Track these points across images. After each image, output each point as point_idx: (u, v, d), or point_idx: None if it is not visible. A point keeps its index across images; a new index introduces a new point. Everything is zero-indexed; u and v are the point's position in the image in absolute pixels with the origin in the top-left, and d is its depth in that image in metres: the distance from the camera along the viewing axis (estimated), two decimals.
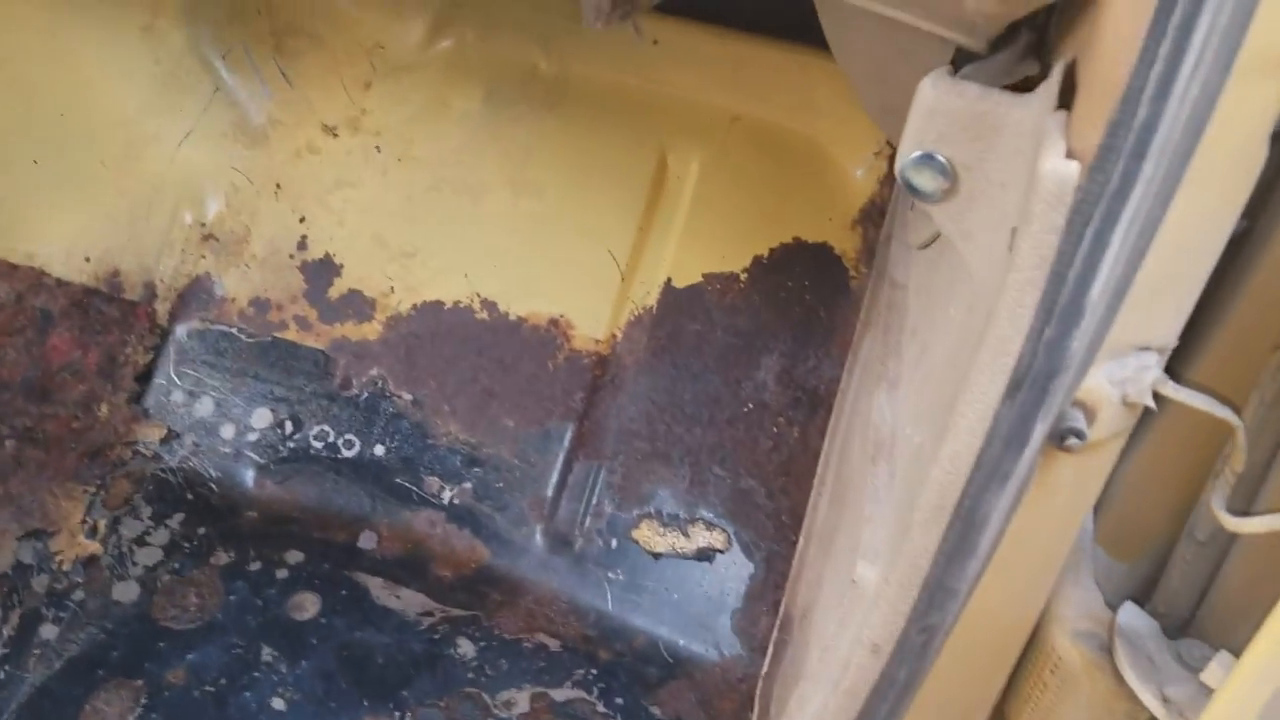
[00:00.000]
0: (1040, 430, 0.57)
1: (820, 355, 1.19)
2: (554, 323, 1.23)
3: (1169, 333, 0.58)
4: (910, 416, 0.73)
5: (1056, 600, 0.73)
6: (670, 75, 1.26)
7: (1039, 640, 0.71)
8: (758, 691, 1.05)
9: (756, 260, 1.24)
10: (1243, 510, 0.59)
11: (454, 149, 1.28)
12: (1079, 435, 0.58)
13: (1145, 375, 0.58)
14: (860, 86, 0.85)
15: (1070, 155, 0.47)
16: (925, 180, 0.56)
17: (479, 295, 1.24)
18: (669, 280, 1.24)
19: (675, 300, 1.23)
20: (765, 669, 1.06)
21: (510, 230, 1.25)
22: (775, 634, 1.06)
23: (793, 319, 1.22)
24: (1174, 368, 0.71)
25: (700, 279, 1.24)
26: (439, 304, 1.24)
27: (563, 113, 1.27)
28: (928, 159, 0.56)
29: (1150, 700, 0.60)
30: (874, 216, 1.22)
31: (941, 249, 0.83)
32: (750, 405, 1.18)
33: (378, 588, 1.07)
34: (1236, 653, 0.62)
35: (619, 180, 1.25)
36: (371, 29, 1.33)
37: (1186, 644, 0.64)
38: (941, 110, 0.54)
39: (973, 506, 0.60)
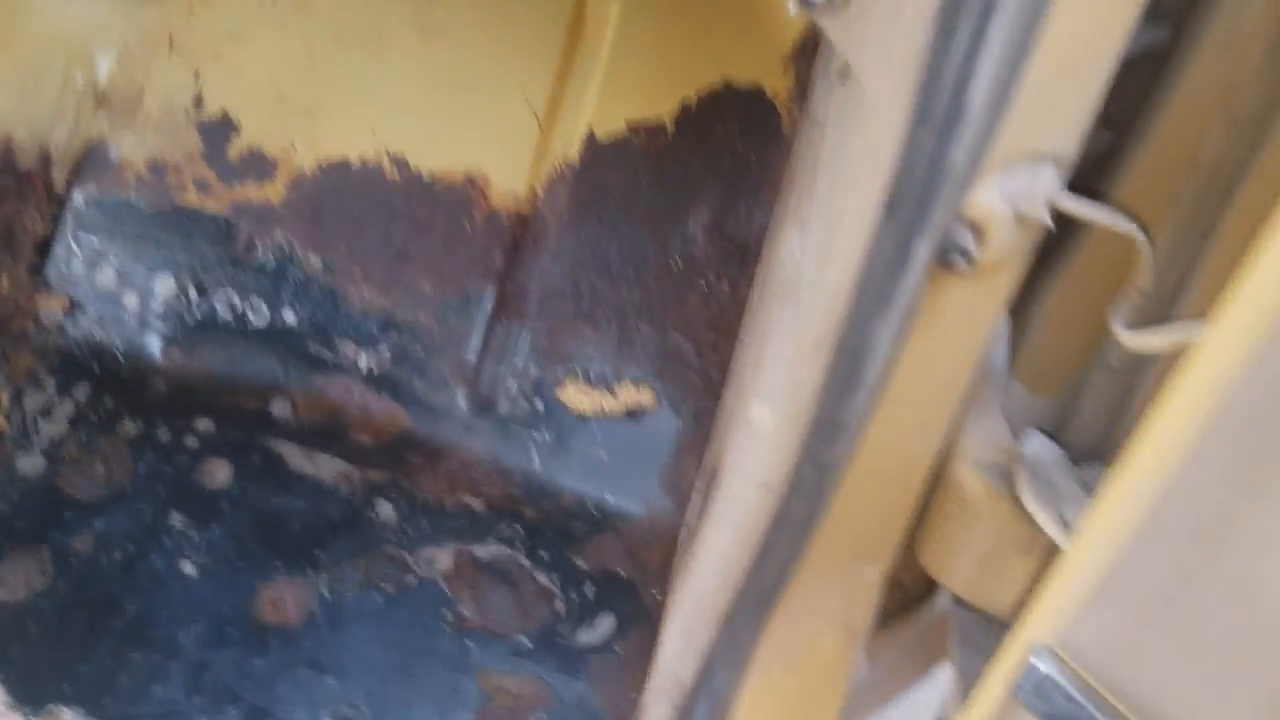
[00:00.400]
0: (923, 251, 0.54)
1: (751, 205, 1.16)
2: (470, 179, 1.18)
3: (1066, 140, 0.55)
4: (813, 254, 0.71)
5: (963, 434, 0.72)
6: None
7: (945, 473, 0.71)
8: (681, 539, 1.06)
9: (684, 107, 1.19)
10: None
11: None
12: (967, 256, 0.56)
13: (1039, 187, 0.55)
14: None
15: None
16: None
17: (388, 152, 1.18)
18: (591, 131, 1.18)
19: (599, 152, 1.18)
20: (691, 519, 1.07)
21: (419, 80, 1.19)
22: (699, 485, 1.07)
23: (723, 168, 1.17)
24: (1091, 186, 0.68)
25: (625, 129, 1.18)
26: (345, 162, 1.18)
27: None
28: None
29: (1047, 522, 0.60)
30: (808, 54, 1.16)
31: (852, 74, 0.79)
32: (679, 260, 1.15)
33: (293, 454, 1.06)
34: None
35: (534, 21, 1.18)
36: None
37: (1090, 468, 0.64)
38: None
39: (856, 335, 0.58)
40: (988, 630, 0.75)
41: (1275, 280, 0.39)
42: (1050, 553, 0.66)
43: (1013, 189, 0.55)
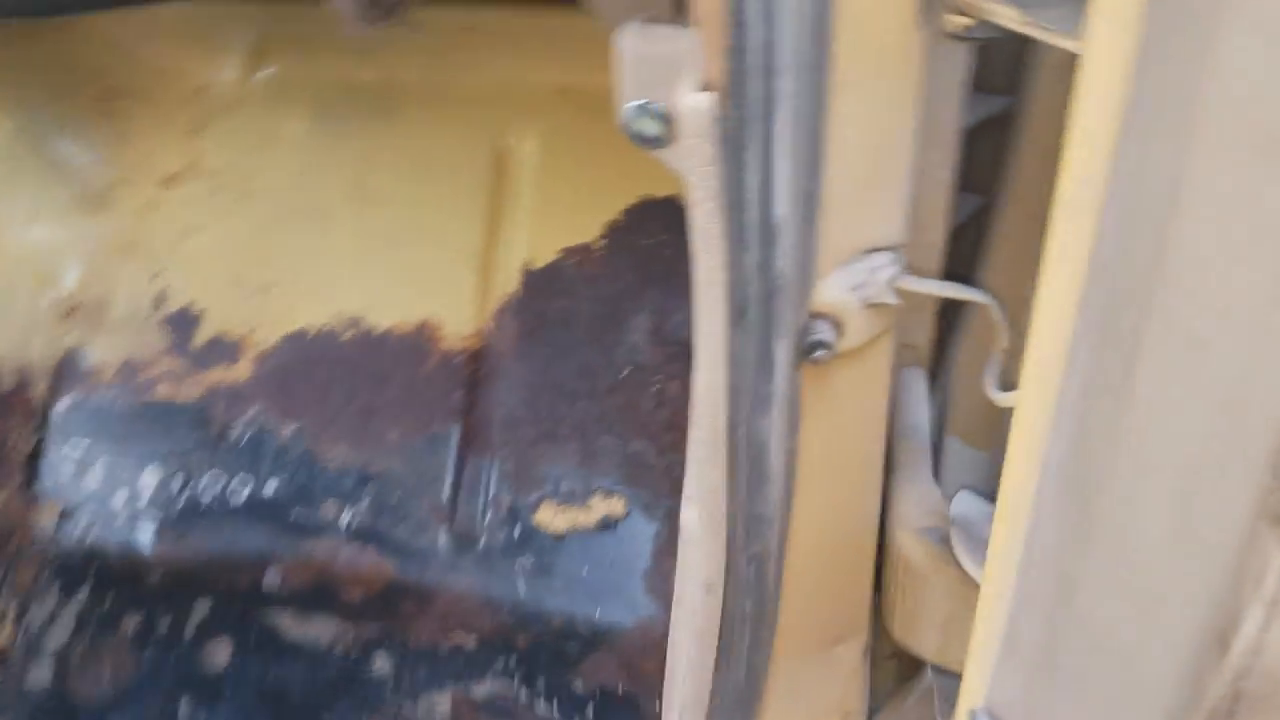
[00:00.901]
0: (782, 350, 0.59)
1: (686, 308, 1.22)
2: (421, 327, 1.25)
3: (890, 229, 0.60)
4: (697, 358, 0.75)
5: (898, 501, 0.76)
6: (492, 60, 1.28)
7: (890, 545, 0.74)
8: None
9: (610, 226, 1.26)
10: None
11: (293, 175, 1.30)
12: (826, 346, 0.61)
13: (880, 275, 0.61)
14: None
15: (707, 86, 0.50)
16: (648, 127, 0.57)
17: (342, 315, 1.26)
18: (528, 262, 1.26)
19: (537, 281, 1.25)
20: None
21: (362, 244, 1.27)
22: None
23: (655, 276, 1.24)
24: (974, 246, 0.73)
25: (558, 255, 1.26)
26: (304, 332, 1.26)
27: (394, 119, 1.30)
28: (642, 108, 0.58)
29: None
30: None
31: None
32: (628, 369, 1.21)
33: (287, 621, 1.10)
34: None
35: (461, 174, 1.28)
36: (193, 74, 1.35)
37: None
38: (640, 59, 0.56)
39: (746, 434, 0.62)
40: None
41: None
42: None
43: (853, 281, 0.60)
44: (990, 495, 0.70)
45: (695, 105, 0.49)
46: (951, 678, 0.78)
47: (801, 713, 0.82)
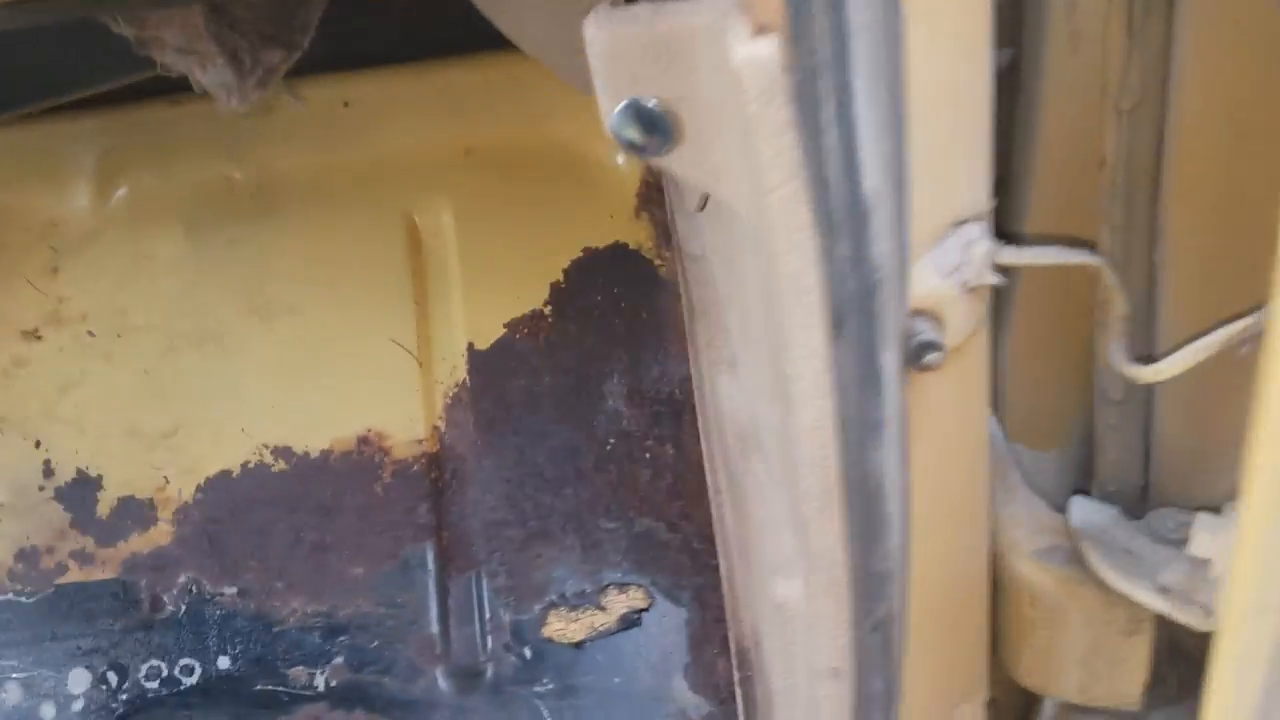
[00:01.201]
0: (890, 361, 0.48)
1: (662, 358, 1.10)
2: (363, 442, 1.09)
3: (978, 193, 0.50)
4: (761, 395, 0.63)
5: (1002, 526, 0.65)
6: (380, 133, 1.15)
7: (1004, 577, 0.63)
8: None
9: (555, 288, 1.14)
10: (1147, 355, 0.52)
11: (175, 301, 1.13)
12: (936, 347, 0.50)
13: (976, 251, 0.50)
14: (562, 67, 0.76)
15: (762, 28, 0.38)
16: (641, 132, 0.45)
17: (266, 446, 1.09)
18: (471, 345, 1.12)
19: (485, 363, 1.11)
20: (742, 715, 0.96)
21: (274, 363, 1.11)
22: (737, 674, 0.96)
23: (618, 333, 1.12)
24: (1007, 230, 0.63)
25: (503, 331, 1.12)
26: (226, 474, 1.09)
27: (282, 216, 1.15)
28: (634, 108, 0.46)
29: (1148, 598, 0.52)
30: (654, 196, 1.14)
31: (719, 203, 0.75)
32: (612, 440, 1.07)
33: None
34: (1213, 507, 0.55)
35: (373, 262, 1.13)
36: (38, 211, 1.18)
37: (1156, 518, 0.56)
38: (620, 48, 0.45)
39: (860, 473, 0.50)
40: None
41: None
42: (1162, 624, 0.58)
43: (949, 262, 0.49)
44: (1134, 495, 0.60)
45: (756, 56, 0.38)
46: (1097, 714, 0.67)
47: None
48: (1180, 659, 0.64)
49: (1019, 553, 0.61)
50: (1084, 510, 0.59)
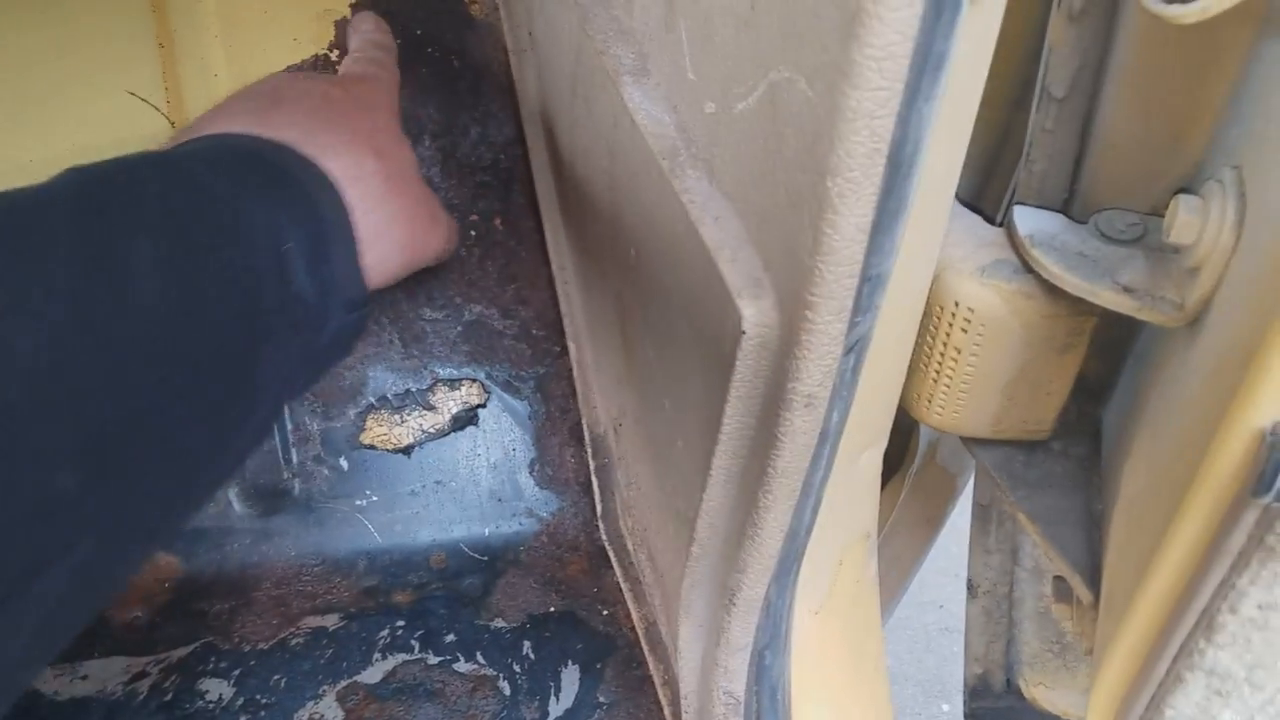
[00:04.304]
0: None
1: (481, 117, 1.00)
2: None
3: None
4: (715, 87, 0.55)
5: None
6: None
7: (933, 304, 0.62)
8: (603, 536, 0.92)
9: (342, 27, 0.99)
10: None
11: None
12: None
13: None
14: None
15: None
16: None
17: None
18: None
19: None
20: (600, 508, 0.93)
21: None
22: (591, 463, 0.93)
23: (424, 86, 0.99)
24: None
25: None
26: None
27: None
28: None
29: (1112, 298, 0.53)
30: None
31: None
32: None
33: (47, 681, 0.79)
34: (1151, 211, 0.56)
35: (97, 6, 0.92)
36: None
37: (1103, 220, 0.57)
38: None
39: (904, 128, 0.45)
40: (1029, 460, 0.69)
41: None
42: (1096, 337, 0.60)
43: None
44: (1058, 206, 0.60)
45: None
46: (1001, 449, 0.70)
47: (832, 551, 0.70)
48: (1081, 385, 0.66)
49: (959, 271, 0.60)
50: (1030, 219, 0.58)
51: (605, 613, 0.87)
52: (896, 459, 1.02)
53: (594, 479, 0.93)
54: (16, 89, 0.90)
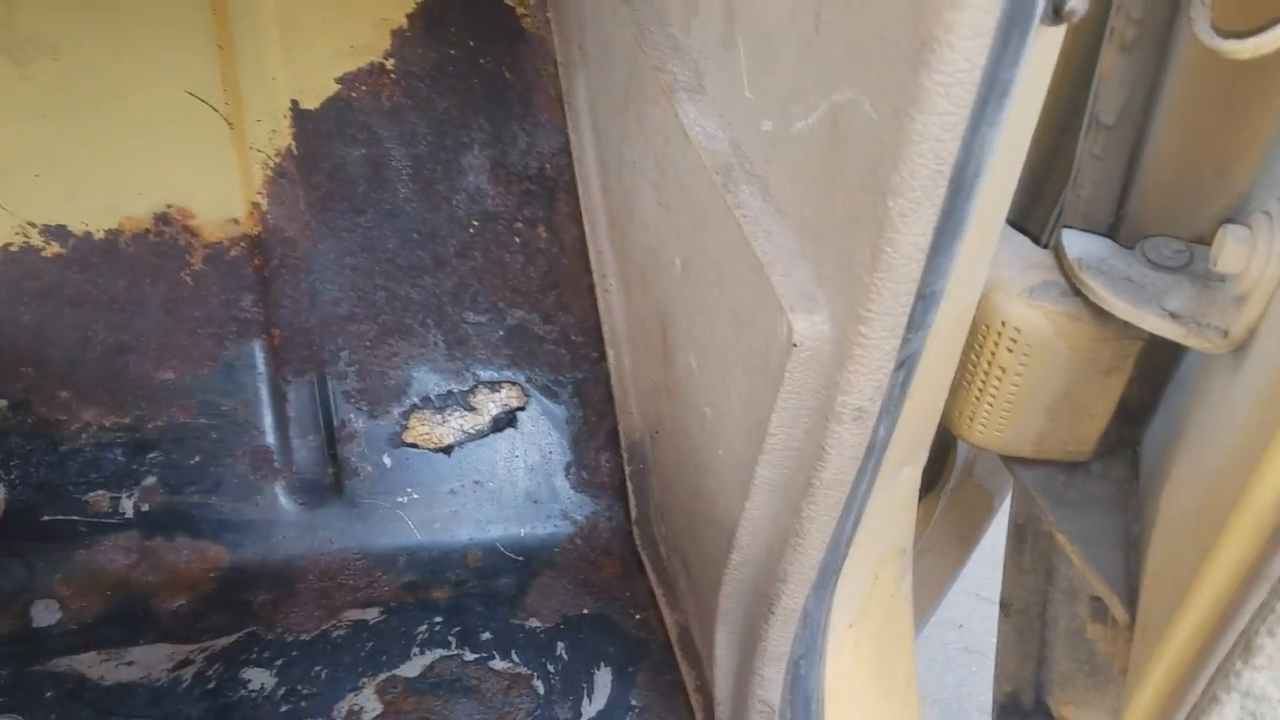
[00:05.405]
0: None
1: (530, 126, 1.02)
2: (162, 220, 0.94)
3: None
4: (774, 106, 0.56)
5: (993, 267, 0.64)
6: None
7: (980, 324, 0.63)
8: (637, 540, 0.94)
9: (398, 36, 1.01)
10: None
11: None
12: None
13: None
14: None
15: None
16: None
17: (34, 225, 0.91)
18: (295, 103, 0.98)
19: (316, 125, 0.98)
20: (634, 513, 0.95)
21: (32, 119, 0.92)
22: (627, 468, 0.94)
23: (476, 95, 1.02)
24: None
25: (336, 87, 0.99)
26: None
27: None
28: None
29: (1158, 323, 0.53)
30: None
31: None
32: (476, 222, 0.99)
33: (93, 666, 0.81)
34: (1198, 238, 0.57)
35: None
36: None
37: (1150, 246, 0.57)
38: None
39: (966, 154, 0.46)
40: (1069, 480, 0.69)
41: None
42: (1140, 362, 0.61)
43: None
44: (1103, 230, 0.61)
45: None
46: (1042, 469, 0.71)
47: (868, 569, 0.71)
48: (1122, 409, 0.67)
49: (1007, 292, 0.60)
50: (1079, 242, 0.59)
51: (638, 617, 0.88)
52: (932, 477, 1.03)
53: (629, 484, 0.94)
54: (79, 89, 0.93)
